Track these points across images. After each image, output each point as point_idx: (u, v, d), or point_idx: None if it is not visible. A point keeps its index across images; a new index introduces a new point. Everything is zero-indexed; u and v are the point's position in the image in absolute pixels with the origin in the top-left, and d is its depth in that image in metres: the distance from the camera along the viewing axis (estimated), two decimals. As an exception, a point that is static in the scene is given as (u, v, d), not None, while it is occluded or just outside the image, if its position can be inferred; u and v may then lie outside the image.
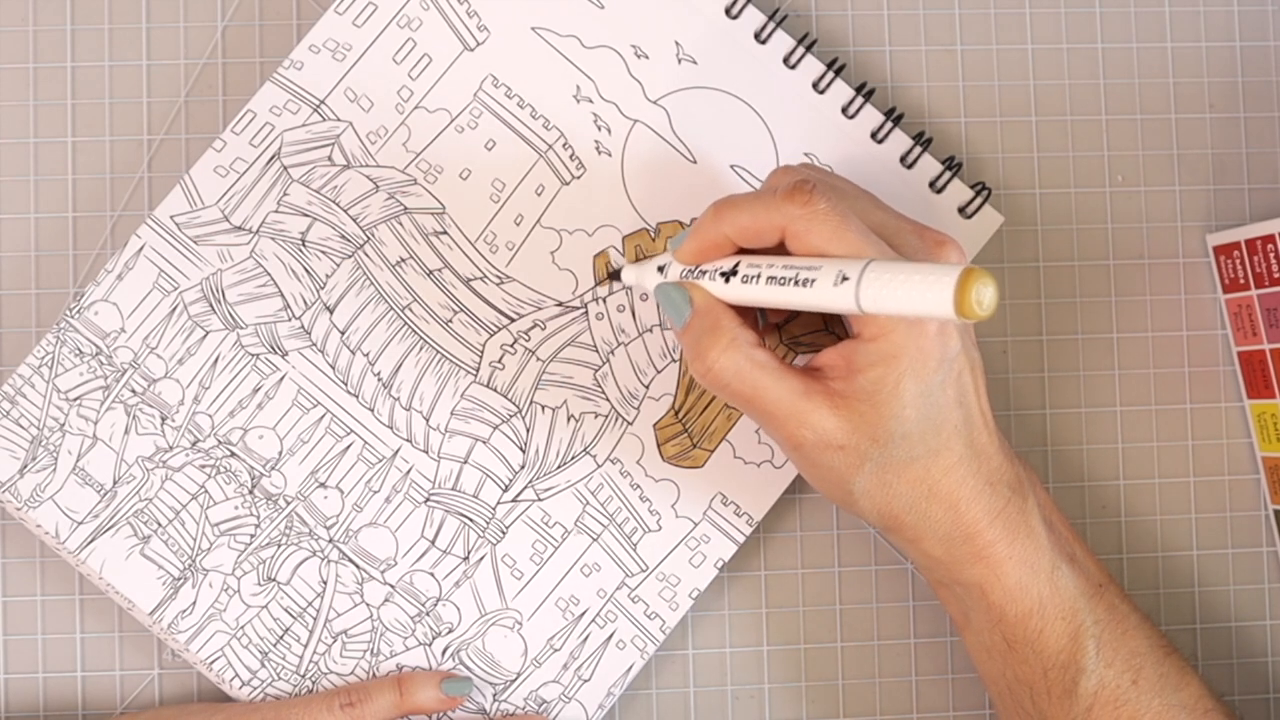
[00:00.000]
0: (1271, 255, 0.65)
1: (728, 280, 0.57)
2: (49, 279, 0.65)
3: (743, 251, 0.58)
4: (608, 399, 0.65)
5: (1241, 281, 0.67)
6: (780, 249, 0.57)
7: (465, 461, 0.64)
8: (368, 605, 0.63)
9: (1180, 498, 0.68)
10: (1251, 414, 0.68)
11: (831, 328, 0.64)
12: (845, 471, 0.57)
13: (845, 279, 0.52)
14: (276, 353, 0.64)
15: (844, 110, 0.66)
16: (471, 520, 0.64)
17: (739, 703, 0.67)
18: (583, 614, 0.64)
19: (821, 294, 0.54)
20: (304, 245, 0.64)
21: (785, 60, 0.66)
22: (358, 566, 0.63)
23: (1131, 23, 0.69)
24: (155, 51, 0.66)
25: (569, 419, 0.65)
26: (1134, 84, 0.69)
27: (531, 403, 0.65)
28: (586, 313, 0.65)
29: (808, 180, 0.56)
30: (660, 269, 0.60)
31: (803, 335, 0.64)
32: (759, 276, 0.56)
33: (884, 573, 0.67)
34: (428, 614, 0.64)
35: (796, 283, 0.54)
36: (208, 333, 0.63)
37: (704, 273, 0.58)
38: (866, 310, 0.53)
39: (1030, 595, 0.58)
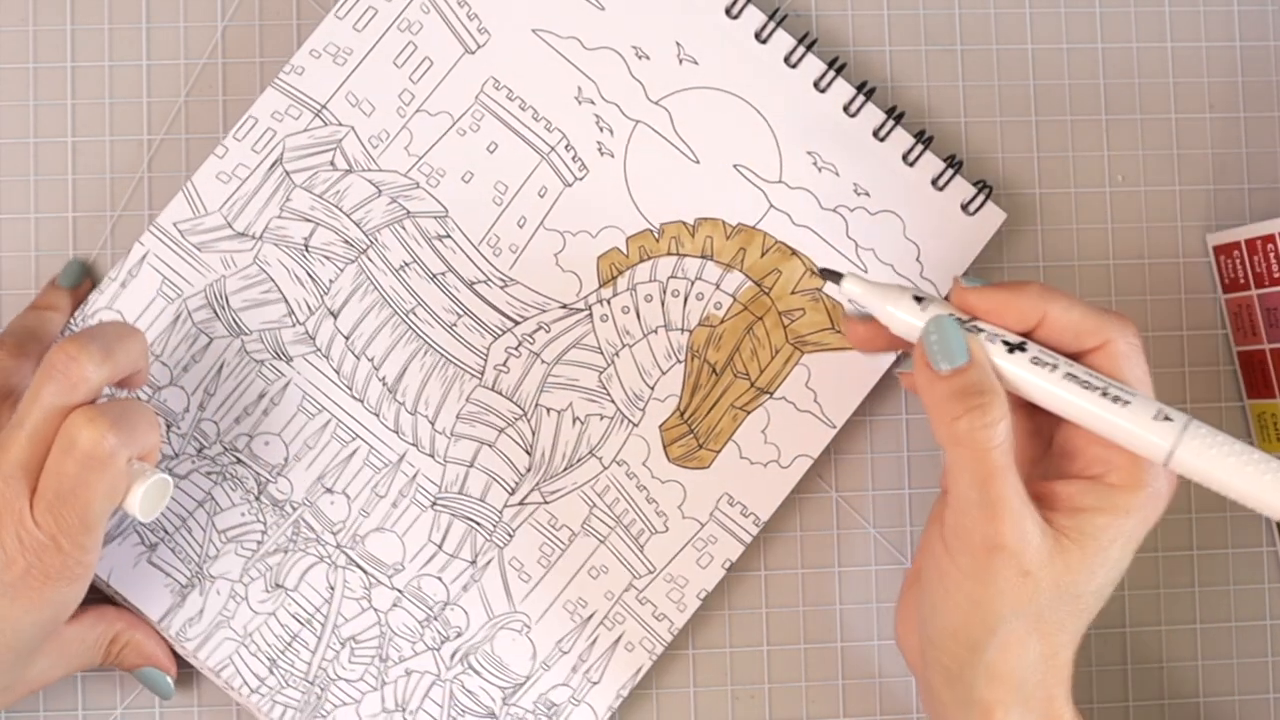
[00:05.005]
0: (1271, 255, 0.65)
1: (1011, 351, 0.54)
2: (49, 279, 0.65)
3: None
4: (613, 401, 0.65)
5: (1241, 281, 0.67)
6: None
7: (471, 465, 0.64)
8: (375, 610, 0.63)
9: (1180, 497, 0.68)
10: (1251, 414, 0.68)
11: (837, 326, 0.65)
12: (1004, 604, 0.53)
13: (1168, 419, 0.52)
14: (281, 358, 0.64)
15: (845, 109, 0.66)
16: (478, 524, 0.64)
17: (740, 703, 0.67)
18: (590, 616, 0.64)
19: (1132, 418, 0.52)
20: (307, 250, 0.64)
21: (786, 59, 0.66)
22: (365, 572, 0.63)
23: (1131, 23, 0.69)
24: (155, 51, 0.66)
25: (574, 421, 0.65)
26: (1134, 84, 0.69)
27: (537, 405, 0.65)
28: (591, 315, 0.65)
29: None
30: (918, 299, 0.57)
31: (808, 334, 0.64)
32: (1055, 366, 0.54)
33: (884, 573, 0.68)
34: (436, 618, 0.64)
35: (1105, 394, 0.53)
36: (212, 339, 0.63)
37: (981, 331, 0.55)
38: (1170, 463, 0.52)
39: None
